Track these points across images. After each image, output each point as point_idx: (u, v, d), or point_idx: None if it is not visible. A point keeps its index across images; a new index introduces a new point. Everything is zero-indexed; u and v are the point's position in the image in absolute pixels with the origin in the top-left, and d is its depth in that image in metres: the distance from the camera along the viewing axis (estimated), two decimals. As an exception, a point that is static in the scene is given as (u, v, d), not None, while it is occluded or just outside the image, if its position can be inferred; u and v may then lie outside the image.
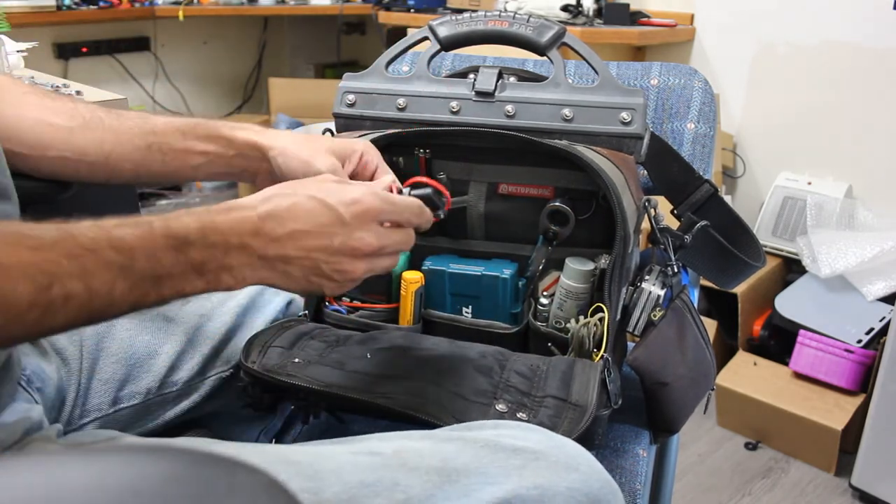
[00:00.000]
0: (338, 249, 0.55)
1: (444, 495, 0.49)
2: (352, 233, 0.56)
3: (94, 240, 0.46)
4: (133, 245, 0.47)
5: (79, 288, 0.44)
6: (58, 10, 2.50)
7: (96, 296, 0.45)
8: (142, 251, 0.47)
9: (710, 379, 0.78)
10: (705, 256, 0.78)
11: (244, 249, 0.52)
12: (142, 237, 0.48)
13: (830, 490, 1.59)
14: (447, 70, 0.99)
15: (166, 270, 0.49)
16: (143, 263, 0.47)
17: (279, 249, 0.53)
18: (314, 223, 0.54)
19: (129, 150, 0.69)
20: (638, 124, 0.74)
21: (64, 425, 0.67)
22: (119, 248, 0.46)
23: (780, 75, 2.02)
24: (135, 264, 0.47)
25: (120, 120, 0.70)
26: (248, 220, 0.53)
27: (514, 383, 0.67)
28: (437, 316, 0.80)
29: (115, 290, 0.46)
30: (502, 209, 0.77)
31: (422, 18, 2.38)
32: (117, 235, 0.47)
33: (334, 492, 0.48)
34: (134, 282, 0.47)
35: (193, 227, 0.50)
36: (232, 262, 0.52)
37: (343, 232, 0.55)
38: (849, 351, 1.62)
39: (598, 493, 0.53)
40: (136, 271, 0.47)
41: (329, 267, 0.55)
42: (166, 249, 0.49)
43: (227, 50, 3.34)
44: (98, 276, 0.45)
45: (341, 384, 0.66)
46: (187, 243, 0.49)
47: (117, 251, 0.46)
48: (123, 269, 0.46)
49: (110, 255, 0.46)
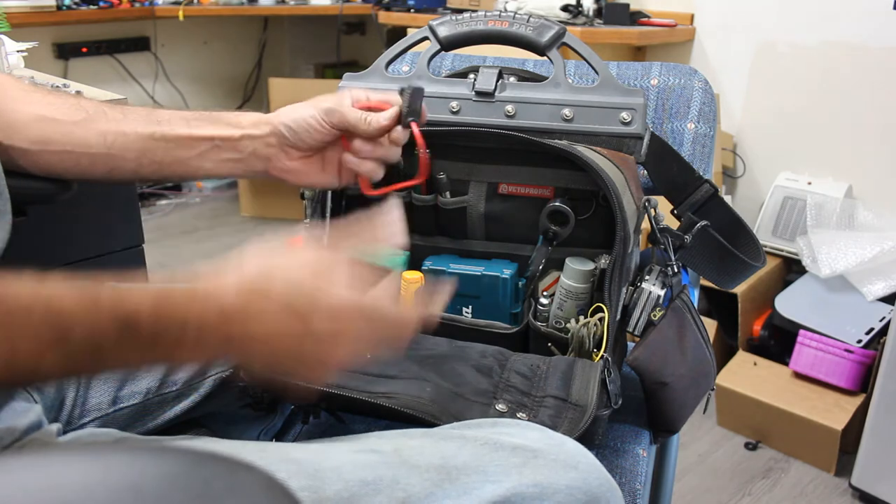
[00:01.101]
0: (304, 360, 0.51)
1: (443, 493, 0.49)
2: (322, 349, 0.51)
3: (28, 308, 0.42)
4: (72, 319, 0.43)
5: None
6: (58, 10, 2.50)
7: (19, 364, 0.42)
8: (81, 326, 0.43)
9: (710, 379, 0.78)
10: (705, 256, 0.78)
11: (202, 328, 0.47)
12: (84, 313, 0.44)
13: (830, 490, 1.59)
14: (447, 70, 0.99)
15: (109, 345, 0.44)
16: (81, 337, 0.43)
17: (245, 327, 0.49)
18: (283, 333, 0.49)
19: (133, 140, 0.68)
20: (638, 124, 0.74)
21: (63, 425, 0.67)
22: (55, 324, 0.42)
23: (780, 75, 2.02)
24: (71, 338, 0.43)
25: (124, 112, 0.69)
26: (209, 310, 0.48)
27: (515, 383, 0.67)
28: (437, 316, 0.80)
29: (42, 360, 0.42)
30: (502, 209, 0.77)
31: (422, 18, 2.38)
32: (56, 307, 0.43)
33: (335, 490, 0.48)
34: (68, 354, 0.43)
35: (145, 309, 0.46)
36: (187, 340, 0.47)
37: (312, 347, 0.50)
38: (849, 351, 1.62)
39: (597, 491, 0.53)
40: (73, 344, 0.43)
41: (292, 369, 0.52)
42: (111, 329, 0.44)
43: (227, 50, 3.34)
44: (24, 345, 0.42)
45: (341, 384, 0.66)
46: (135, 324, 0.45)
47: (52, 326, 0.42)
48: (58, 342, 0.42)
49: (42, 328, 0.42)
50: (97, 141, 0.68)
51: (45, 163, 0.68)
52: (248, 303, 0.49)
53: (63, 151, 0.67)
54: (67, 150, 0.67)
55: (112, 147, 0.68)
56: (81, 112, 0.68)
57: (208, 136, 0.69)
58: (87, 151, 0.68)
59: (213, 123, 0.69)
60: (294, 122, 0.68)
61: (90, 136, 0.68)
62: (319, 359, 0.51)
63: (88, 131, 0.68)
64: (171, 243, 2.81)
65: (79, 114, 0.68)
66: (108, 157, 0.68)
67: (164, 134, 0.68)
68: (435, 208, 0.78)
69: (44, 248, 0.85)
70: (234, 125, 0.69)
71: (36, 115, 0.67)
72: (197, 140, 0.69)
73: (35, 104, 0.68)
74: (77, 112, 0.68)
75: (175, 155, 0.69)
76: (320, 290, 0.50)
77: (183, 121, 0.69)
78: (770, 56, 2.03)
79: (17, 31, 1.32)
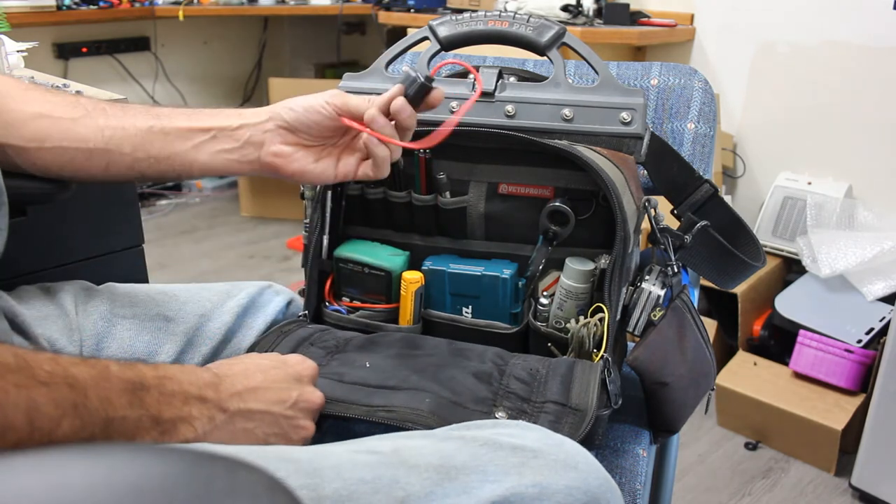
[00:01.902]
0: (295, 403, 0.59)
1: (443, 493, 0.49)
2: (305, 388, 0.61)
3: (51, 374, 0.43)
4: (87, 383, 0.45)
5: (21, 421, 0.41)
6: (58, 10, 2.51)
7: (38, 432, 0.42)
8: (95, 389, 0.45)
9: (710, 379, 0.78)
10: (705, 256, 0.78)
11: (203, 401, 0.52)
12: (96, 377, 0.46)
13: (830, 490, 1.59)
14: (447, 70, 0.99)
15: (119, 414, 0.47)
16: (95, 402, 0.45)
17: (241, 403, 0.55)
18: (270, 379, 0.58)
19: (131, 133, 0.68)
20: (638, 124, 0.74)
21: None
22: (73, 385, 0.44)
23: (780, 75, 2.02)
24: (87, 403, 0.45)
25: (124, 109, 0.70)
26: (205, 375, 0.54)
27: (514, 389, 0.66)
28: (437, 316, 0.80)
29: (59, 429, 0.43)
30: (502, 209, 0.77)
31: (422, 18, 2.38)
32: (73, 373, 0.45)
33: (334, 488, 0.48)
34: (84, 422, 0.44)
35: (150, 374, 0.50)
36: (192, 413, 0.51)
37: (298, 388, 0.60)
38: (849, 351, 1.62)
39: (596, 492, 0.53)
40: (88, 410, 0.45)
41: (288, 423, 0.58)
42: (121, 391, 0.47)
43: (227, 50, 3.34)
44: (45, 413, 0.42)
45: (340, 398, 0.65)
46: (142, 387, 0.48)
47: (71, 388, 0.44)
48: (76, 407, 0.44)
49: (64, 391, 0.43)
50: (94, 136, 0.67)
51: (42, 160, 0.68)
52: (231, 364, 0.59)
53: (59, 148, 0.67)
54: (63, 145, 0.67)
55: (109, 141, 0.68)
56: (80, 109, 0.68)
57: (206, 127, 0.69)
58: (83, 147, 0.67)
59: (212, 116, 0.70)
60: (296, 104, 0.68)
61: (87, 132, 0.67)
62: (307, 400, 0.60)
63: (86, 127, 0.68)
64: (171, 243, 2.82)
65: (77, 111, 0.68)
66: (104, 151, 0.68)
67: (163, 127, 0.68)
68: (435, 208, 0.78)
69: (44, 248, 0.85)
70: (233, 116, 0.70)
71: (33, 113, 0.67)
72: (195, 131, 0.68)
73: (32, 102, 0.68)
74: (75, 109, 0.68)
75: (172, 148, 0.68)
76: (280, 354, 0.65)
77: (183, 115, 0.70)
78: (770, 56, 2.03)
79: (17, 31, 1.32)
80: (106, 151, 0.68)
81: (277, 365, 0.61)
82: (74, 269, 0.86)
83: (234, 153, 0.69)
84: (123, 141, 0.68)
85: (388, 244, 0.82)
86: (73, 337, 0.71)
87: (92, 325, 0.73)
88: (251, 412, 0.55)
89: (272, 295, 0.84)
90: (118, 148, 0.68)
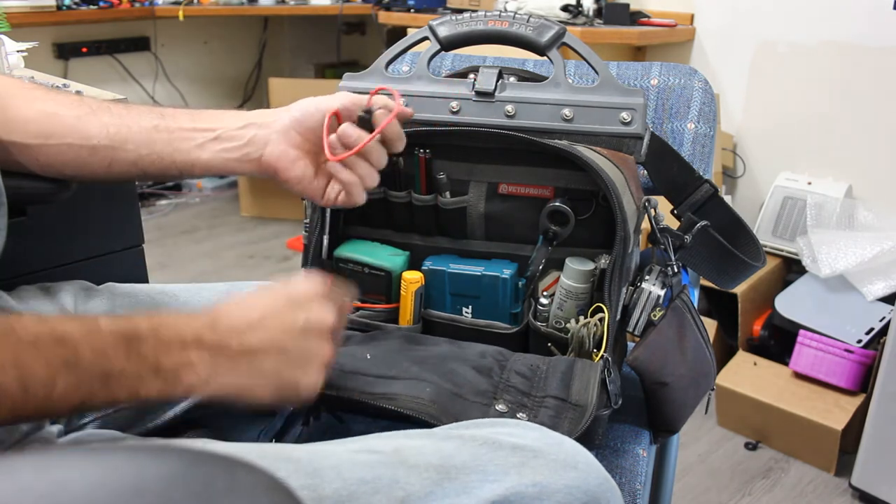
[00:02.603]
0: (304, 329, 0.54)
1: (443, 492, 0.49)
2: (312, 310, 0.55)
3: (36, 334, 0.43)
4: (78, 339, 0.44)
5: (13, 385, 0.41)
6: (58, 10, 2.51)
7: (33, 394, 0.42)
8: (88, 346, 0.44)
9: (710, 379, 0.78)
10: (705, 256, 0.78)
11: (201, 343, 0.50)
12: (88, 332, 0.45)
13: (830, 490, 1.59)
14: (447, 70, 0.99)
15: (116, 367, 0.45)
16: (90, 358, 0.44)
17: (241, 340, 0.51)
18: (272, 308, 0.53)
19: (135, 131, 0.68)
20: (638, 124, 0.74)
21: (64, 425, 0.67)
22: (62, 342, 0.43)
23: (780, 75, 2.02)
24: (80, 359, 0.43)
25: (127, 108, 0.70)
26: (201, 317, 0.51)
27: (514, 383, 0.67)
28: (437, 316, 0.80)
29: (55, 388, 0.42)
30: (502, 209, 0.77)
31: (422, 18, 2.38)
32: (60, 329, 0.44)
33: (334, 488, 0.48)
34: (79, 378, 0.44)
35: (143, 323, 0.48)
36: (191, 358, 0.49)
37: (303, 310, 0.54)
38: (849, 351, 1.62)
39: (596, 491, 0.53)
40: (82, 367, 0.44)
41: (299, 351, 0.53)
42: (115, 345, 0.45)
43: (227, 50, 3.34)
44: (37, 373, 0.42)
45: (341, 386, 0.66)
46: (137, 338, 0.46)
47: (60, 344, 0.43)
48: (67, 364, 0.43)
49: (52, 349, 0.43)
50: (98, 132, 0.67)
51: (46, 157, 0.68)
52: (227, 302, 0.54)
53: (63, 144, 0.67)
54: (68, 142, 0.67)
55: (114, 138, 0.68)
56: (84, 107, 0.69)
57: (209, 127, 0.69)
58: (87, 144, 0.67)
59: (216, 117, 0.70)
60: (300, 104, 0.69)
61: (91, 128, 0.67)
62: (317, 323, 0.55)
63: (90, 123, 0.68)
64: (171, 243, 2.82)
65: (81, 108, 0.68)
66: (108, 148, 0.68)
67: (167, 126, 0.68)
68: (435, 208, 0.78)
69: (44, 248, 0.86)
70: (237, 117, 0.70)
71: (38, 111, 0.67)
72: (198, 130, 0.68)
73: (36, 100, 0.68)
74: (80, 107, 0.68)
75: (175, 146, 0.68)
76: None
77: (187, 115, 0.70)
78: (770, 56, 2.03)
79: (17, 31, 1.32)
80: (110, 148, 0.68)
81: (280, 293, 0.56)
82: (74, 269, 0.86)
83: (236, 152, 0.69)
84: (128, 139, 0.68)
85: (388, 244, 0.82)
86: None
87: (92, 325, 0.73)
88: (254, 350, 0.51)
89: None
90: (122, 145, 0.68)
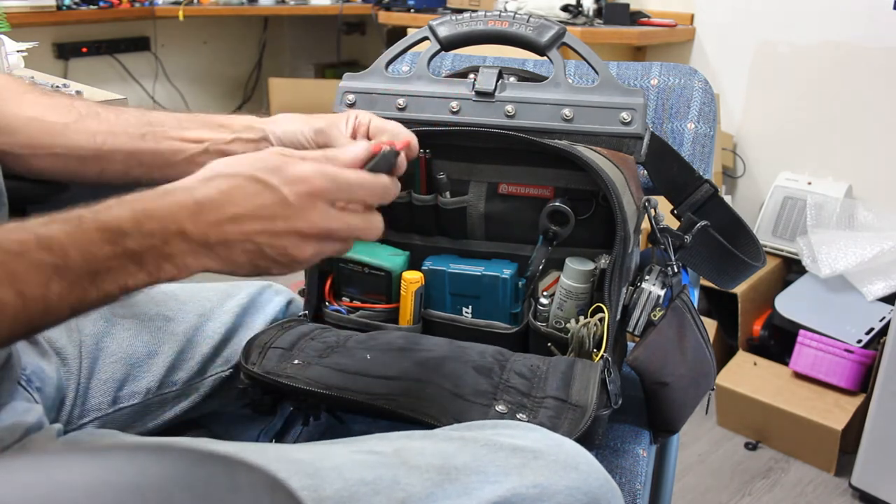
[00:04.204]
0: (281, 231, 0.51)
1: (443, 493, 0.49)
2: (296, 214, 0.52)
3: (21, 242, 0.43)
4: (64, 242, 0.44)
5: (9, 295, 0.41)
6: (58, 10, 2.50)
7: (31, 301, 0.42)
8: (74, 247, 0.44)
9: (710, 379, 0.78)
10: (705, 256, 0.78)
11: (183, 236, 0.49)
12: (72, 233, 0.45)
13: (830, 490, 1.59)
14: (447, 70, 0.99)
15: (104, 265, 0.45)
16: (78, 260, 0.44)
17: (219, 234, 0.50)
18: (254, 205, 0.51)
19: (123, 141, 0.67)
20: (638, 124, 0.74)
21: (64, 425, 0.67)
22: (49, 247, 0.43)
23: (780, 75, 2.02)
24: (69, 262, 0.44)
25: (117, 113, 0.69)
26: (184, 205, 0.49)
27: (514, 384, 0.67)
28: (437, 316, 0.80)
29: (50, 292, 0.43)
30: (502, 209, 0.77)
31: (422, 18, 2.38)
32: (45, 234, 0.44)
33: (335, 489, 0.48)
34: (71, 281, 0.44)
35: (126, 216, 0.47)
36: (172, 251, 0.48)
37: (286, 213, 0.51)
38: (849, 351, 1.62)
39: (597, 492, 0.53)
40: (72, 269, 0.44)
41: (273, 251, 0.52)
42: (101, 243, 0.45)
43: (227, 50, 3.34)
44: (30, 280, 0.42)
45: (341, 386, 0.66)
46: (122, 234, 0.46)
47: (48, 250, 0.43)
48: (57, 269, 0.43)
49: (41, 255, 0.43)
50: (87, 142, 0.67)
51: (37, 166, 0.68)
52: (217, 187, 0.50)
53: (52, 155, 0.67)
54: (56, 152, 0.67)
55: (101, 148, 0.67)
56: (74, 113, 0.68)
57: (198, 139, 0.68)
58: (76, 154, 0.67)
59: (207, 126, 0.69)
60: (284, 133, 0.68)
61: (80, 138, 0.67)
62: (298, 230, 0.52)
63: (78, 133, 0.67)
64: (171, 243, 2.81)
65: (70, 115, 0.67)
66: (97, 158, 0.67)
67: (155, 136, 0.68)
68: (435, 208, 0.78)
69: (44, 248, 0.85)
70: (226, 128, 0.69)
71: (26, 118, 0.67)
72: (187, 142, 0.68)
73: (27, 106, 0.67)
74: (69, 113, 0.67)
75: (164, 159, 0.68)
76: (282, 159, 0.53)
77: (175, 122, 0.69)
78: (770, 56, 2.03)
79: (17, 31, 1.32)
80: (99, 158, 0.67)
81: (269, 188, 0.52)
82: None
83: None
84: (115, 149, 0.67)
85: (388, 244, 0.82)
86: (72, 336, 0.71)
87: (91, 324, 0.73)
88: (230, 242, 0.50)
89: (272, 295, 0.84)
90: (110, 155, 0.67)
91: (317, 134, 0.67)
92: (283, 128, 0.68)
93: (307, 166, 0.53)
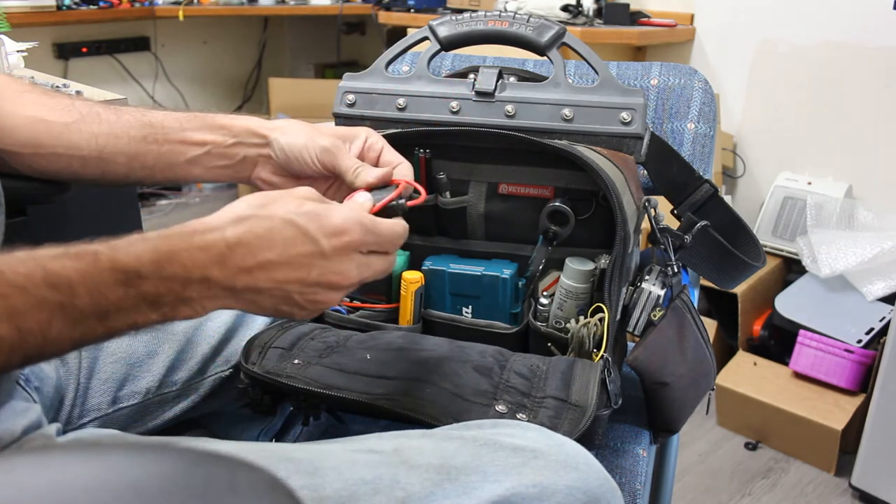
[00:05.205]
0: (314, 282, 0.51)
1: (443, 493, 0.49)
2: (331, 266, 0.51)
3: (28, 276, 0.41)
4: (73, 280, 0.42)
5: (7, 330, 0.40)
6: (58, 10, 2.51)
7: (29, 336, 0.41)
8: (84, 286, 0.43)
9: (710, 379, 0.78)
10: (705, 256, 0.78)
11: (206, 282, 0.47)
12: (84, 271, 0.43)
13: (830, 490, 1.59)
14: (447, 70, 0.99)
15: (114, 305, 0.44)
16: (86, 300, 0.43)
17: (248, 281, 0.48)
18: (291, 254, 0.50)
19: (124, 143, 0.67)
20: (638, 124, 0.74)
21: (63, 425, 0.67)
22: (55, 285, 0.42)
23: (780, 75, 2.02)
24: (76, 301, 0.42)
25: (118, 114, 0.68)
26: (214, 247, 0.47)
27: (514, 384, 0.67)
28: (437, 316, 0.80)
29: (51, 329, 0.42)
30: (502, 209, 0.77)
31: (422, 18, 2.38)
32: (54, 269, 0.42)
33: (334, 489, 0.48)
34: (75, 319, 0.43)
35: (147, 258, 0.45)
36: (192, 295, 0.47)
37: (321, 265, 0.51)
38: (849, 351, 1.62)
39: (597, 492, 0.53)
40: (78, 308, 0.42)
41: (303, 298, 0.51)
42: (114, 285, 0.44)
43: (227, 50, 3.34)
44: (30, 316, 0.41)
45: (341, 386, 0.66)
46: (138, 276, 0.44)
47: (53, 288, 0.42)
48: (62, 307, 0.42)
49: (46, 292, 0.41)
50: (88, 143, 0.67)
51: (38, 165, 0.68)
52: (250, 228, 0.49)
53: (53, 154, 0.67)
54: (58, 152, 0.66)
55: (103, 150, 0.67)
56: (74, 113, 0.67)
57: (200, 142, 0.68)
58: (77, 154, 0.67)
59: (208, 128, 0.68)
60: (289, 147, 0.67)
61: (81, 139, 0.67)
62: (330, 282, 0.51)
63: (80, 133, 0.67)
64: (171, 243, 2.81)
65: (71, 115, 0.67)
66: (98, 160, 0.67)
67: (156, 138, 0.67)
68: (435, 208, 0.78)
69: (44, 248, 0.85)
70: (226, 131, 0.68)
71: (27, 117, 0.66)
72: (189, 145, 0.68)
73: (28, 105, 0.67)
74: (70, 113, 0.67)
75: (166, 160, 0.68)
76: (321, 207, 0.52)
77: (176, 124, 0.68)
78: (770, 56, 2.03)
79: (17, 31, 1.32)
80: (100, 160, 0.67)
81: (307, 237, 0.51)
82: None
83: (227, 170, 0.69)
84: (117, 151, 0.67)
85: (388, 244, 0.82)
86: (72, 337, 0.71)
87: (92, 324, 0.73)
88: (259, 289, 0.49)
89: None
90: (112, 157, 0.67)
91: (323, 153, 0.66)
92: (288, 140, 0.67)
93: (344, 215, 0.52)
